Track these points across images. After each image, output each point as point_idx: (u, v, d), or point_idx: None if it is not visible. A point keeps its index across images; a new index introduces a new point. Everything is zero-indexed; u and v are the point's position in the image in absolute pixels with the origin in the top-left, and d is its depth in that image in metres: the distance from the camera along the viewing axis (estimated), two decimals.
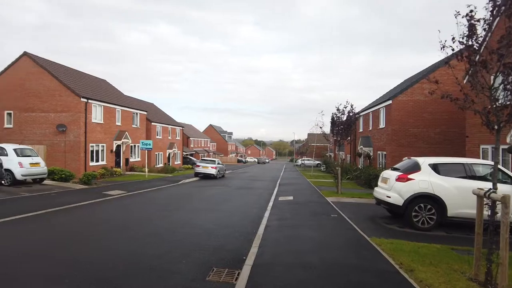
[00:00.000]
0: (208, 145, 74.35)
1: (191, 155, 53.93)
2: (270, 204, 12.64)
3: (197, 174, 25.67)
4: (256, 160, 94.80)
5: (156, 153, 35.62)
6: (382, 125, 22.93)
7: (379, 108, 23.53)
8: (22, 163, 14.52)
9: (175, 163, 41.34)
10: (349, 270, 5.36)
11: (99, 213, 10.34)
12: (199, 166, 25.93)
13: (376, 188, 10.28)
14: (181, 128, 45.93)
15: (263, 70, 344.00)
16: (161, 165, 35.99)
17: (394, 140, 20.58)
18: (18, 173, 14.38)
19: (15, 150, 14.86)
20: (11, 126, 23.45)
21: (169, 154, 39.66)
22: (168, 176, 27.31)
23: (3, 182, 13.78)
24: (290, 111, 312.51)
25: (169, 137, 40.28)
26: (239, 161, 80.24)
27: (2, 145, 15.31)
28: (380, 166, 22.48)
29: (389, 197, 9.00)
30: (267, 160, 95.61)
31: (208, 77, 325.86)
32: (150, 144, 25.09)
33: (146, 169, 26.31)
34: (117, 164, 27.50)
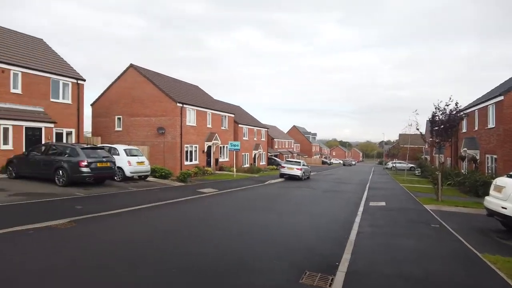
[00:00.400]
0: (292, 146, 74.60)
1: (276, 156, 54.75)
2: (360, 209, 12.06)
3: (282, 175, 25.91)
4: (341, 162, 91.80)
5: (242, 153, 37.02)
6: (491, 124, 20.10)
7: (487, 105, 20.69)
8: (130, 162, 16.51)
9: (260, 163, 42.41)
10: None
11: (196, 209, 11.12)
12: (284, 167, 26.14)
13: (487, 198, 9.02)
14: (266, 129, 46.94)
15: (347, 68, 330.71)
16: (247, 165, 37.28)
17: (507, 142, 17.87)
18: (127, 170, 16.38)
19: (125, 150, 16.97)
20: (120, 129, 26.82)
21: (254, 155, 40.88)
22: (254, 176, 28.14)
23: (115, 178, 15.82)
24: (377, 110, 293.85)
25: (255, 138, 41.51)
26: (323, 162, 78.70)
27: (115, 146, 17.61)
28: (489, 171, 19.75)
29: (505, 208, 7.81)
30: (353, 162, 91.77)
31: (291, 78, 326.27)
32: (238, 145, 26.16)
33: (234, 169, 27.52)
34: (208, 163, 29.34)
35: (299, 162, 27.35)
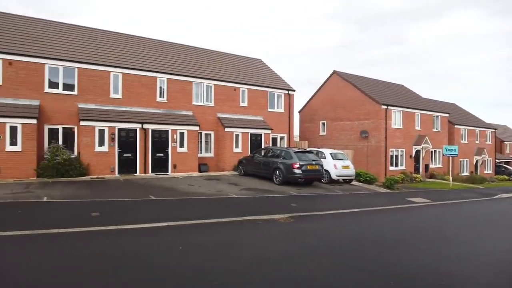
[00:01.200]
0: None
1: (507, 163, 43.95)
2: None
3: None
4: None
5: (460, 159, 31.64)
6: None
7: None
8: (336, 165, 16.96)
9: (484, 172, 35.03)
10: None
11: (410, 219, 10.16)
12: None
13: None
14: (492, 130, 38.43)
15: None
16: (466, 173, 31.57)
17: None
18: (333, 173, 16.88)
19: (331, 154, 17.59)
20: (324, 133, 28.11)
21: (476, 161, 34.16)
22: (476, 187, 23.44)
23: (322, 180, 16.59)
24: None
25: (477, 141, 34.69)
26: None
27: (321, 149, 18.52)
28: None
29: None
30: None
31: None
32: (455, 150, 22.50)
33: (450, 177, 23.79)
34: (416, 169, 26.64)
35: None
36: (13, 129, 13.49)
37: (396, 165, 25.18)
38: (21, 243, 5.57)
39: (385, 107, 24.19)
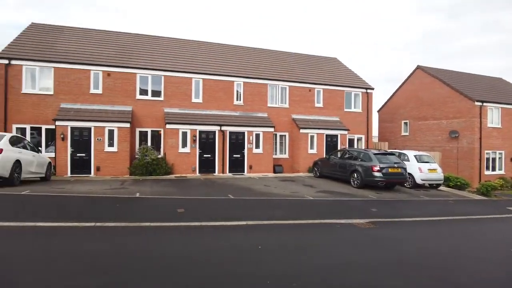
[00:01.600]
0: None
1: None
2: None
3: None
4: None
5: None
6: None
7: None
8: (421, 169, 15.61)
9: None
10: None
11: (510, 231, 8.91)
12: None
13: None
14: None
15: None
16: None
17: None
18: (418, 177, 15.57)
19: (415, 156, 16.25)
20: (407, 134, 26.19)
21: None
22: None
23: (406, 184, 15.44)
24: None
25: None
26: None
27: (404, 151, 17.24)
28: None
29: None
30: None
31: None
32: None
33: None
34: None
35: None
36: (111, 132, 15.21)
37: (493, 169, 22.33)
38: (119, 234, 6.21)
39: (480, 103, 21.62)
